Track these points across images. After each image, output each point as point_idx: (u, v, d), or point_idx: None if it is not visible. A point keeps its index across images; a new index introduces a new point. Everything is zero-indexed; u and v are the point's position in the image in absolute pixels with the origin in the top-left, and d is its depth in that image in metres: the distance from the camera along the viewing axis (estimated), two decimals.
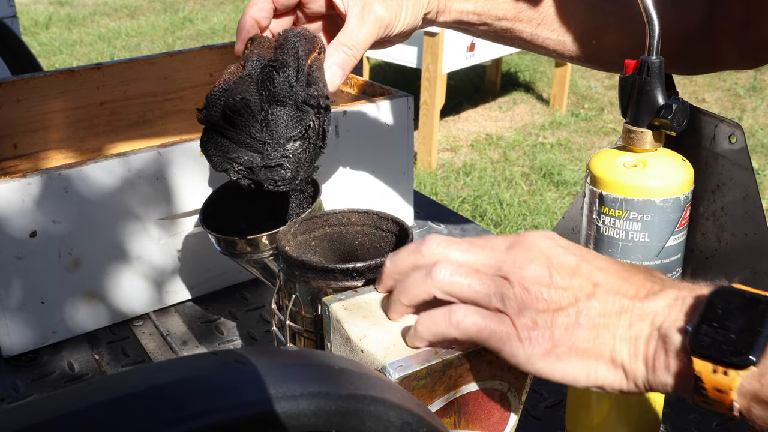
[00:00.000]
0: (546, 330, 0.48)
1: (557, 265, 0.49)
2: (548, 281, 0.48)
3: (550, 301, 0.48)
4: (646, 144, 0.64)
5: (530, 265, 0.49)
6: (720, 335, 0.42)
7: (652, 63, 0.63)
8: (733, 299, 0.44)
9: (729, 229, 0.71)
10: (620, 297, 0.48)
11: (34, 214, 0.78)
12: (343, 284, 0.59)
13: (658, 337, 0.45)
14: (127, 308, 0.89)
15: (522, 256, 0.50)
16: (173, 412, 0.34)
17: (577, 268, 0.49)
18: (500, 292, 0.49)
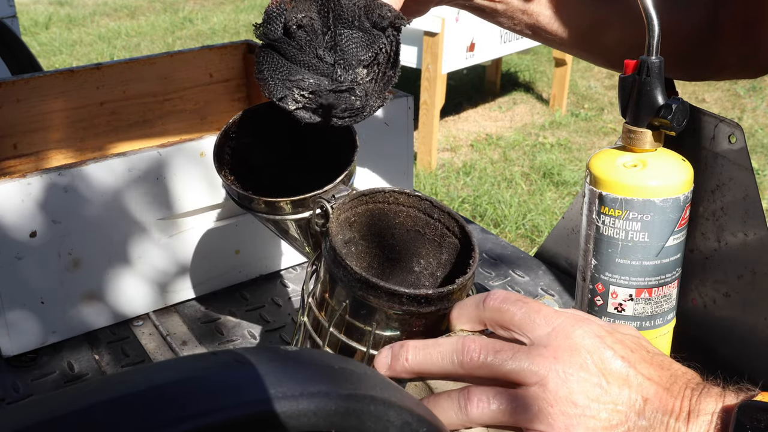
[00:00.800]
0: None
1: (607, 374, 0.46)
2: (598, 394, 0.46)
3: (599, 419, 0.46)
4: (645, 144, 0.64)
5: (579, 374, 0.46)
6: None
7: (651, 63, 0.63)
8: (761, 417, 0.44)
9: (729, 229, 0.71)
10: (666, 416, 0.46)
11: (34, 214, 0.78)
12: (408, 309, 0.53)
13: None
14: (127, 308, 0.89)
15: (568, 361, 0.46)
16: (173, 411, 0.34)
17: (627, 377, 0.46)
18: (544, 413, 0.46)
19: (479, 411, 0.47)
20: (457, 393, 0.48)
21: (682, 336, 0.72)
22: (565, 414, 0.45)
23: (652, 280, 0.66)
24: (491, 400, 0.47)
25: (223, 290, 0.96)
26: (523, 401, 0.46)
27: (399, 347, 0.49)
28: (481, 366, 0.47)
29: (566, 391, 0.46)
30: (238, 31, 5.59)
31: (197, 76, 1.21)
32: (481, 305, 0.49)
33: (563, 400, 0.45)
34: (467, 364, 0.47)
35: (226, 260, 0.94)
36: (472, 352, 0.47)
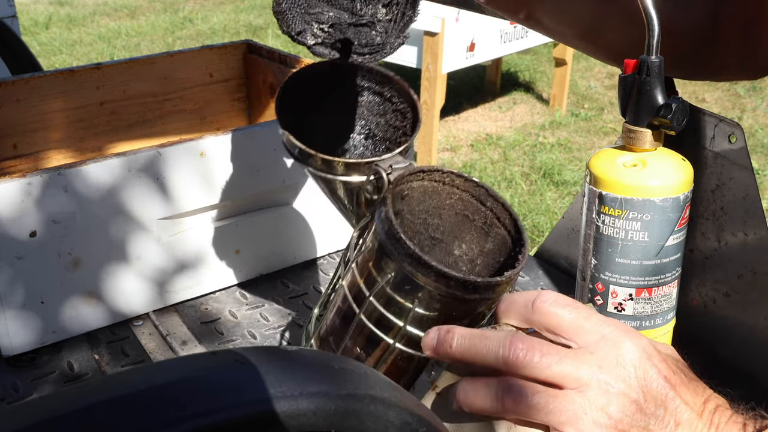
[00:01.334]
0: None
1: (647, 392, 0.46)
2: (633, 411, 0.46)
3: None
4: (645, 143, 0.64)
5: (619, 385, 0.46)
6: None
7: (651, 62, 0.62)
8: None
9: (729, 229, 0.71)
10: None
11: (34, 214, 0.78)
12: (453, 293, 0.53)
13: None
14: (127, 308, 0.89)
15: (613, 372, 0.46)
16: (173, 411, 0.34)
17: (666, 398, 0.47)
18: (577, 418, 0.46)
19: (516, 404, 0.47)
20: (496, 381, 0.47)
21: (682, 336, 0.72)
22: (597, 423, 0.46)
23: (651, 279, 0.66)
24: (531, 395, 0.46)
25: (224, 290, 0.96)
26: (560, 403, 0.46)
27: (446, 332, 0.49)
28: (525, 365, 0.47)
29: (603, 402, 0.46)
30: (238, 31, 5.59)
31: (197, 76, 1.21)
32: (530, 306, 0.49)
33: (598, 410, 0.46)
34: (511, 362, 0.47)
35: (226, 260, 0.94)
36: (519, 350, 0.47)
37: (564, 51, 4.02)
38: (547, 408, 0.46)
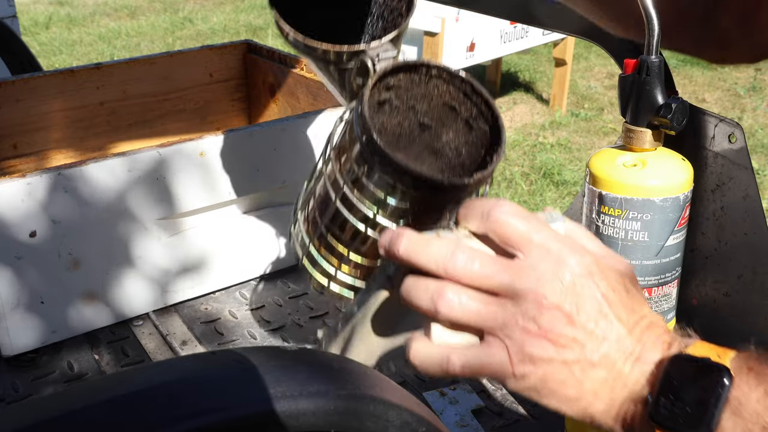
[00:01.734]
0: (539, 372, 0.48)
1: (581, 308, 0.48)
2: (564, 324, 0.47)
3: (556, 351, 0.48)
4: (645, 143, 0.64)
5: (553, 298, 0.47)
6: (677, 408, 0.45)
7: (651, 62, 0.62)
8: (687, 369, 0.45)
9: (729, 229, 0.71)
10: (618, 355, 0.48)
11: (34, 214, 0.78)
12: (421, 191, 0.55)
13: (629, 403, 0.47)
14: (127, 308, 0.89)
15: (549, 288, 0.48)
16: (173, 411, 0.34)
17: (599, 315, 0.48)
18: (510, 327, 0.47)
19: (449, 308, 0.48)
20: (434, 284, 0.49)
21: None
22: (526, 331, 0.47)
23: (651, 279, 0.66)
24: (463, 300, 0.48)
25: (223, 290, 0.96)
26: (493, 309, 0.48)
27: (397, 235, 0.51)
28: (464, 275, 0.48)
29: (535, 313, 0.47)
30: (238, 31, 5.59)
31: (197, 76, 1.21)
32: (486, 213, 0.50)
33: (530, 320, 0.47)
34: (452, 272, 0.48)
35: (226, 260, 0.94)
36: (458, 260, 0.48)
37: (564, 51, 4.02)
38: (479, 313, 0.48)
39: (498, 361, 0.48)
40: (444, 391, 0.79)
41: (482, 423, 0.75)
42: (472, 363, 0.48)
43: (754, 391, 0.44)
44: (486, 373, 0.49)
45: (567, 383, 0.48)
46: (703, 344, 0.47)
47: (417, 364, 0.48)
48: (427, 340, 0.49)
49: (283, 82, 1.19)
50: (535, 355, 0.47)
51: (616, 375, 0.48)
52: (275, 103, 1.22)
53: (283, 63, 1.19)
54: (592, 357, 0.47)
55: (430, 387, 0.80)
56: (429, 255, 0.49)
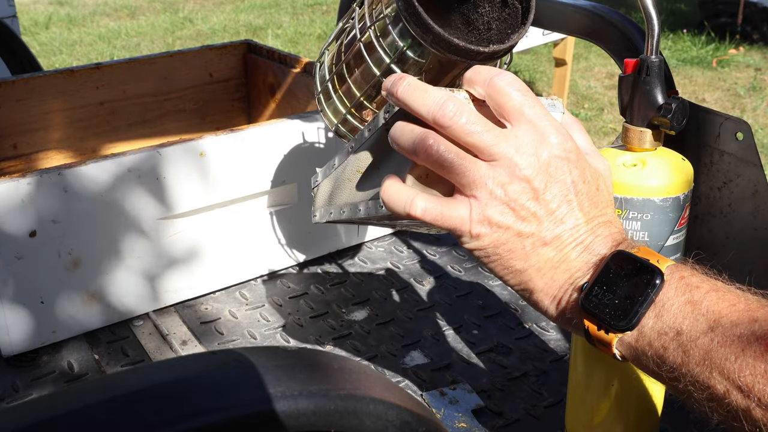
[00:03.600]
0: (493, 236, 0.50)
1: (549, 187, 0.50)
2: (529, 197, 0.49)
3: (515, 220, 0.50)
4: (645, 143, 0.64)
5: (526, 171, 0.49)
6: (607, 299, 0.48)
7: (651, 62, 0.62)
8: (625, 266, 0.48)
9: (737, 225, 0.71)
10: (569, 240, 0.50)
11: (33, 214, 0.78)
12: (438, 50, 0.58)
13: (568, 288, 0.50)
14: (127, 308, 0.89)
15: (526, 160, 0.49)
16: (173, 411, 0.34)
17: (564, 198, 0.50)
18: (479, 186, 0.50)
19: (428, 153, 0.50)
20: (420, 130, 0.51)
21: None
22: (492, 195, 0.50)
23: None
24: (443, 149, 0.50)
25: (223, 290, 0.96)
26: (467, 166, 0.50)
27: (400, 77, 0.52)
28: (450, 125, 0.50)
29: (506, 180, 0.49)
30: (238, 31, 5.59)
31: (197, 76, 1.21)
32: (487, 81, 0.52)
33: (498, 185, 0.50)
34: (439, 119, 0.50)
35: (227, 260, 0.94)
36: (448, 110, 0.50)
37: (564, 51, 4.02)
38: (452, 166, 0.50)
39: (458, 215, 0.50)
40: (444, 391, 0.79)
41: (482, 423, 0.75)
42: (434, 210, 0.51)
43: (679, 297, 0.46)
44: (445, 225, 0.51)
45: (516, 253, 0.50)
46: (648, 249, 0.49)
47: (385, 200, 0.52)
48: (400, 182, 0.52)
49: (283, 82, 1.19)
50: (494, 219, 0.50)
51: (563, 258, 0.50)
52: (275, 103, 1.22)
53: (283, 63, 1.19)
54: (545, 235, 0.50)
55: (430, 387, 0.80)
56: (423, 100, 0.51)
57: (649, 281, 0.47)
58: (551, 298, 0.51)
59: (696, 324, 0.45)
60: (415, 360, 0.85)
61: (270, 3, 6.31)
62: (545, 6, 0.82)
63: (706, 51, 4.91)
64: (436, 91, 0.51)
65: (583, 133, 0.56)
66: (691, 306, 0.46)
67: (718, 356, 0.44)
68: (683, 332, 0.45)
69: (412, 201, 0.51)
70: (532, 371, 0.83)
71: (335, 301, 0.95)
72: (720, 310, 0.45)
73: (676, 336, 0.46)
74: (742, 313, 0.45)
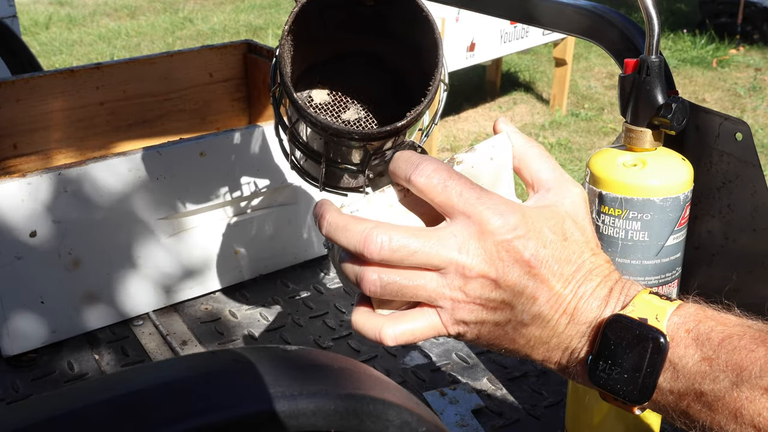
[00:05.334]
0: (473, 331, 0.49)
1: (507, 271, 0.48)
2: (490, 290, 0.48)
3: (487, 313, 0.48)
4: (645, 143, 0.64)
5: (479, 267, 0.47)
6: (615, 373, 0.46)
7: (651, 62, 0.62)
8: (625, 335, 0.46)
9: (737, 226, 0.71)
10: (551, 320, 0.48)
11: (34, 214, 0.78)
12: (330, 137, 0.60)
13: (568, 360, 0.49)
14: (127, 308, 0.89)
15: (472, 255, 0.48)
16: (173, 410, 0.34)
17: (527, 277, 0.48)
18: (436, 296, 0.48)
19: (372, 289, 0.48)
20: (357, 269, 0.48)
21: None
22: (454, 300, 0.48)
23: (652, 279, 0.66)
24: (385, 282, 0.48)
25: (223, 290, 0.96)
26: (418, 284, 0.48)
27: (320, 215, 0.50)
28: (382, 258, 0.48)
29: (460, 283, 0.48)
30: (238, 31, 5.59)
31: (197, 76, 1.21)
32: (407, 178, 0.50)
33: (455, 290, 0.48)
34: (369, 255, 0.48)
35: (226, 260, 0.94)
36: (373, 245, 0.48)
37: (564, 51, 4.02)
38: (402, 291, 0.48)
39: (431, 325, 0.49)
40: (444, 391, 0.79)
41: (482, 423, 0.75)
42: (405, 335, 0.48)
43: (691, 356, 0.44)
44: (421, 339, 0.49)
45: (502, 339, 0.49)
46: (642, 299, 0.47)
47: (357, 331, 0.49)
48: (366, 310, 0.50)
49: None
50: (467, 319, 0.48)
51: (551, 333, 0.49)
52: None
53: None
54: (522, 318, 0.48)
55: (430, 387, 0.80)
56: (347, 239, 0.49)
57: (655, 349, 0.45)
58: (556, 366, 0.50)
59: (717, 383, 0.43)
60: (415, 360, 0.85)
61: (270, 3, 6.30)
62: (545, 6, 0.82)
63: (706, 51, 4.91)
64: (357, 225, 0.48)
65: (545, 158, 0.52)
66: (708, 363, 0.44)
67: (750, 412, 0.42)
68: (705, 393, 0.43)
69: (379, 332, 0.48)
70: (532, 371, 0.83)
71: (335, 301, 0.95)
72: (739, 361, 0.43)
73: (699, 397, 0.44)
74: (764, 361, 0.42)
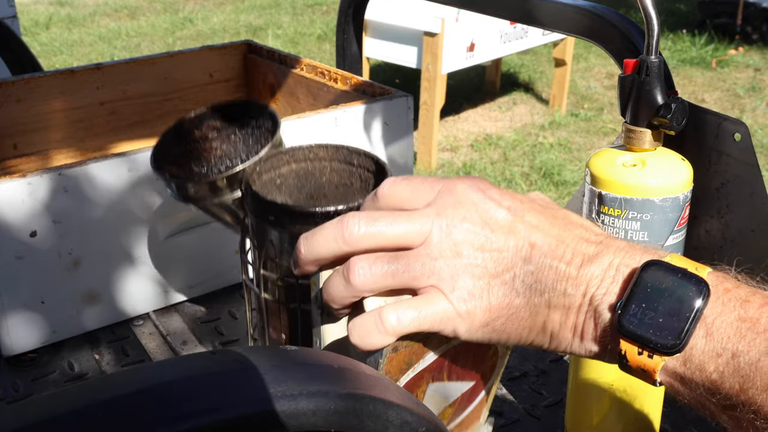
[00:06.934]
0: (483, 299, 0.45)
1: (491, 223, 0.46)
2: (482, 243, 0.45)
3: (485, 267, 0.45)
4: (645, 143, 0.64)
5: (462, 225, 0.45)
6: (648, 317, 0.41)
7: (651, 62, 0.63)
8: (663, 278, 0.42)
9: (735, 226, 0.71)
10: (556, 261, 0.45)
11: (34, 214, 0.78)
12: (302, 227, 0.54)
13: (588, 309, 0.44)
14: (127, 308, 0.89)
15: (451, 214, 0.46)
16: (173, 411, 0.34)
17: (512, 225, 0.46)
18: (429, 267, 0.45)
19: (361, 279, 0.45)
20: (341, 267, 0.46)
21: None
22: (449, 265, 0.45)
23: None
24: (372, 265, 0.45)
25: (223, 290, 0.96)
26: (406, 260, 0.45)
27: (296, 247, 0.49)
28: (363, 237, 0.46)
29: (450, 243, 0.45)
30: (238, 31, 5.59)
31: (197, 76, 1.21)
32: (374, 197, 0.48)
33: (447, 252, 0.45)
34: (350, 239, 0.46)
35: (226, 260, 0.94)
36: (352, 225, 0.46)
37: (564, 51, 4.02)
38: (394, 270, 0.45)
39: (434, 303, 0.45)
40: None
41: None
42: (408, 311, 0.45)
43: (729, 314, 0.41)
44: (427, 321, 0.46)
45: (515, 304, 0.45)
46: (679, 257, 0.44)
47: (356, 337, 0.46)
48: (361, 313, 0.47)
49: (283, 82, 1.19)
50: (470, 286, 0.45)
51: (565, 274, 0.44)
52: (275, 103, 1.22)
53: (283, 63, 1.19)
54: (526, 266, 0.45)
55: None
56: (324, 237, 0.47)
57: (696, 293, 0.41)
58: (571, 329, 0.45)
59: (755, 344, 0.39)
60: None
61: (270, 3, 6.30)
62: (545, 6, 0.82)
63: (706, 51, 4.91)
64: (323, 228, 0.47)
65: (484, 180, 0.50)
66: (746, 323, 0.40)
67: None
68: (740, 354, 0.39)
69: (380, 319, 0.45)
70: (532, 371, 0.83)
71: None
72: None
73: (732, 358, 0.40)
74: None
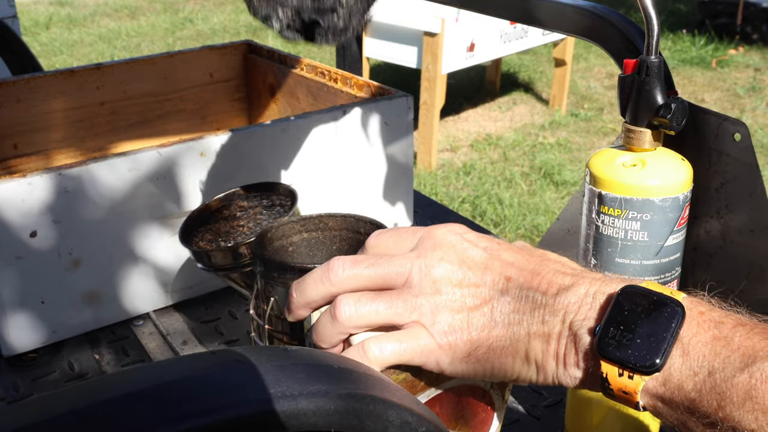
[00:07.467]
0: (464, 332, 0.47)
1: (468, 261, 0.48)
2: (460, 279, 0.48)
3: (463, 302, 0.47)
4: (645, 143, 0.64)
5: (440, 265, 0.48)
6: (626, 339, 0.43)
7: (651, 62, 0.63)
8: (641, 301, 0.44)
9: (735, 227, 0.71)
10: (532, 291, 0.47)
11: (34, 214, 0.78)
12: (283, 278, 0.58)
13: (568, 335, 0.45)
14: (128, 308, 0.89)
15: (430, 255, 0.48)
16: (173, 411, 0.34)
17: (488, 262, 0.48)
18: (410, 304, 0.48)
19: (347, 315, 0.48)
20: (328, 306, 0.49)
21: None
22: (430, 301, 0.47)
23: (651, 279, 0.66)
24: (356, 302, 0.48)
25: (223, 290, 0.96)
26: (389, 298, 0.48)
27: (290, 290, 0.52)
28: (347, 278, 0.49)
29: (429, 281, 0.48)
30: (238, 31, 5.59)
31: (197, 76, 1.21)
32: (362, 249, 0.52)
33: (427, 289, 0.48)
34: (335, 279, 0.49)
35: None
36: (337, 267, 0.49)
37: (564, 51, 4.02)
38: (378, 309, 0.48)
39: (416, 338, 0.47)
40: None
41: None
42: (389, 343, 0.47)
43: (704, 334, 0.42)
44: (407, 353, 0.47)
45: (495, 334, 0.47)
46: (654, 283, 0.45)
47: None
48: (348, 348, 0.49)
49: (283, 82, 1.19)
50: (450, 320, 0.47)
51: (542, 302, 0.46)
52: (275, 103, 1.22)
53: (283, 63, 1.19)
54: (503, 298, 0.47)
55: None
56: (313, 281, 0.49)
57: (672, 314, 0.42)
58: (553, 356, 0.46)
59: (729, 361, 0.40)
60: None
61: None
62: (545, 6, 0.82)
63: (706, 51, 4.91)
64: (313, 270, 0.50)
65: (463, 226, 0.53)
66: (721, 342, 0.41)
67: (762, 394, 0.39)
68: (715, 371, 0.40)
69: (363, 350, 0.47)
70: None
71: None
72: (753, 344, 0.41)
73: (708, 376, 0.41)
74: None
